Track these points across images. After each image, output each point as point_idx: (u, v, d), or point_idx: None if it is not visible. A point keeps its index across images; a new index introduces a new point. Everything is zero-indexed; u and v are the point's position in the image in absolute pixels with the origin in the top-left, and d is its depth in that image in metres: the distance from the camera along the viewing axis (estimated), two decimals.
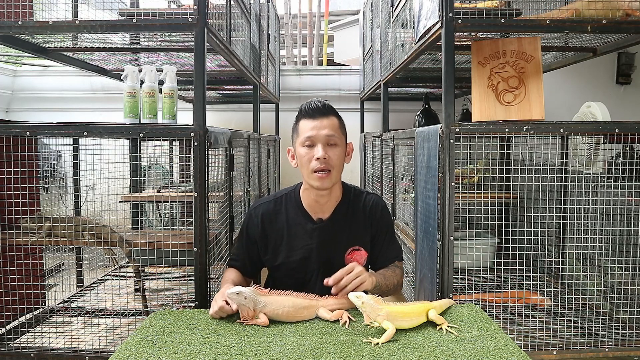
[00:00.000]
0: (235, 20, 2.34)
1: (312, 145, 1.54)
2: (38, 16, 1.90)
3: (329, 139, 1.54)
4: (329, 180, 1.55)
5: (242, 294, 1.35)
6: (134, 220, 3.21)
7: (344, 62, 4.93)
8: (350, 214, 1.66)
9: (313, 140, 1.54)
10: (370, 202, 1.69)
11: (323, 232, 1.63)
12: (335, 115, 1.59)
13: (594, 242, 2.10)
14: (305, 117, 1.57)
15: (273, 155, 3.90)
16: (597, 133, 1.92)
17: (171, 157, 3.74)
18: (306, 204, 1.66)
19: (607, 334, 1.86)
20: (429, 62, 2.60)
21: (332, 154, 1.54)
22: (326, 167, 1.54)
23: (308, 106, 1.57)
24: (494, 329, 1.30)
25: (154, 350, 1.19)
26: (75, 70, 3.72)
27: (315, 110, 1.55)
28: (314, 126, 1.53)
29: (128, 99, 1.83)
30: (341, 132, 1.60)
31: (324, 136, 1.53)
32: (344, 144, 1.61)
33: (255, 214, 1.68)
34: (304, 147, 1.56)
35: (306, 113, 1.57)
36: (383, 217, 1.71)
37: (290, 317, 1.36)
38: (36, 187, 2.16)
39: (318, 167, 1.53)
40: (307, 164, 1.55)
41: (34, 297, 2.17)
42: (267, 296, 1.37)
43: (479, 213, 2.71)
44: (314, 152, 1.53)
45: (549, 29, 1.77)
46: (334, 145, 1.55)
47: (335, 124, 1.57)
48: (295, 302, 1.38)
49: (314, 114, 1.55)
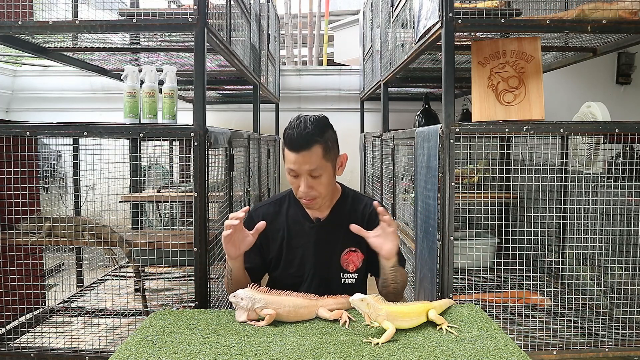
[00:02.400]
0: (235, 20, 2.34)
1: (296, 175, 1.54)
2: (38, 16, 1.90)
3: (312, 172, 1.52)
4: (316, 203, 1.57)
5: (238, 296, 1.36)
6: (134, 220, 3.21)
7: (344, 62, 4.93)
8: (348, 215, 1.66)
9: (296, 173, 1.53)
10: (371, 208, 1.68)
11: (320, 232, 1.63)
12: (319, 143, 1.50)
13: (594, 242, 2.10)
14: (288, 148, 1.53)
15: (273, 155, 3.90)
16: (597, 133, 1.92)
17: (171, 157, 3.74)
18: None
19: (607, 334, 1.86)
20: (429, 62, 2.60)
21: (316, 184, 1.53)
22: (310, 198, 1.55)
23: (290, 137, 1.51)
24: (494, 329, 1.30)
25: (154, 350, 1.18)
26: (75, 70, 3.72)
27: (296, 144, 1.49)
28: (296, 160, 1.50)
29: (128, 99, 1.83)
30: (326, 160, 1.54)
31: (306, 170, 1.51)
32: (331, 169, 1.57)
33: (256, 215, 1.68)
34: (289, 174, 1.56)
35: (289, 144, 1.52)
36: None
37: (290, 317, 1.36)
38: (36, 187, 2.16)
39: (303, 197, 1.55)
40: (295, 189, 1.58)
41: (34, 297, 2.17)
42: (266, 295, 1.37)
43: (479, 213, 2.71)
44: (299, 183, 1.54)
45: (549, 29, 1.77)
46: (317, 176, 1.53)
47: (319, 154, 1.51)
48: (295, 302, 1.38)
49: (296, 148, 1.50)
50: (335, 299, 1.43)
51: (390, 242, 1.47)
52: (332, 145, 1.56)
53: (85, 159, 2.12)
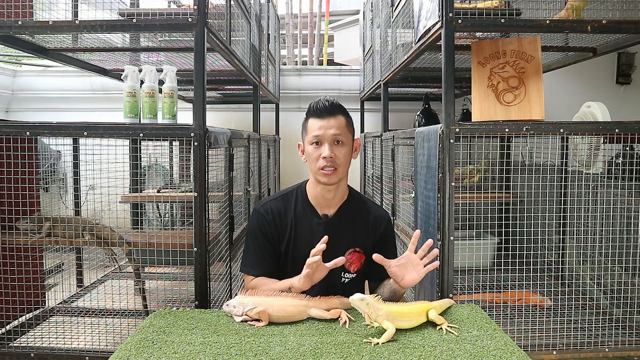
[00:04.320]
0: (235, 20, 2.34)
1: (320, 143, 1.60)
2: (38, 16, 1.90)
3: (336, 138, 1.59)
4: (335, 176, 1.61)
5: (230, 305, 1.37)
6: (134, 220, 3.21)
7: (344, 62, 4.93)
8: (355, 215, 1.68)
9: (320, 139, 1.59)
10: (377, 212, 1.73)
11: (327, 228, 1.64)
12: (342, 114, 1.63)
13: (594, 242, 2.10)
14: (313, 116, 1.61)
15: (273, 155, 3.90)
16: (597, 133, 1.92)
17: (171, 157, 3.74)
18: (313, 200, 1.69)
19: (607, 334, 1.86)
20: (429, 62, 2.60)
21: (338, 152, 1.59)
22: (332, 164, 1.59)
23: (316, 105, 1.61)
24: (494, 329, 1.30)
25: (154, 350, 1.18)
26: (75, 70, 3.72)
27: (322, 110, 1.59)
28: (321, 125, 1.58)
29: (128, 99, 1.83)
30: (348, 131, 1.63)
31: (331, 135, 1.58)
32: (351, 141, 1.65)
33: (265, 211, 1.68)
34: (311, 145, 1.61)
35: (314, 112, 1.61)
36: (388, 230, 1.73)
37: (279, 317, 1.35)
38: (36, 187, 2.16)
39: (325, 165, 1.58)
40: (314, 161, 1.61)
41: (34, 297, 2.17)
42: (254, 298, 1.37)
43: (479, 213, 2.71)
44: (321, 151, 1.59)
45: (549, 29, 1.77)
46: (340, 144, 1.60)
47: (342, 122, 1.61)
48: (284, 302, 1.37)
49: (322, 114, 1.59)
50: (327, 300, 1.42)
51: (415, 275, 1.44)
52: (352, 122, 1.68)
53: (85, 159, 2.12)
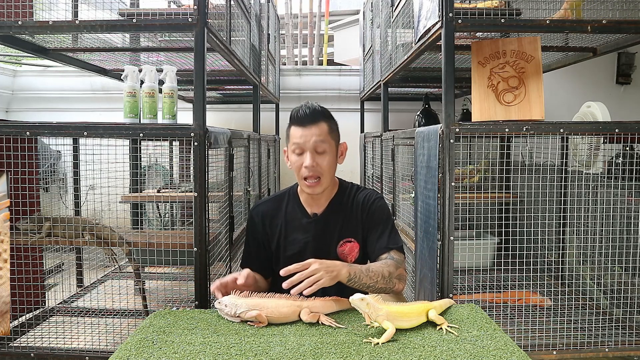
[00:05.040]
0: (235, 20, 2.34)
1: (301, 152, 1.55)
2: (38, 16, 1.90)
3: (317, 147, 1.54)
4: (320, 186, 1.57)
5: (222, 302, 1.36)
6: (134, 220, 3.21)
7: (344, 62, 4.93)
8: (344, 208, 1.66)
9: (302, 147, 1.54)
10: (364, 195, 1.68)
11: (317, 226, 1.64)
12: (325, 120, 1.57)
13: (594, 242, 2.10)
14: (294, 124, 1.56)
15: (273, 155, 3.90)
16: (597, 133, 1.92)
17: (171, 157, 3.74)
18: (303, 200, 1.68)
19: (607, 334, 1.86)
20: (429, 62, 2.60)
21: (320, 161, 1.55)
22: (315, 174, 1.55)
23: (297, 113, 1.56)
24: (494, 329, 1.30)
25: (154, 350, 1.18)
26: (75, 70, 3.72)
27: (303, 118, 1.54)
28: (302, 134, 1.53)
29: (128, 99, 1.83)
30: (331, 137, 1.58)
31: (312, 144, 1.53)
32: (334, 148, 1.60)
33: (255, 214, 1.69)
34: (294, 153, 1.57)
35: (295, 120, 1.56)
36: (376, 208, 1.66)
37: (273, 318, 1.34)
38: (36, 187, 2.16)
39: (307, 174, 1.55)
40: (297, 170, 1.57)
41: (34, 297, 2.16)
42: (247, 299, 1.36)
43: (479, 213, 2.71)
44: (303, 160, 1.54)
45: (549, 29, 1.77)
46: (322, 152, 1.55)
47: (325, 130, 1.55)
48: (278, 303, 1.36)
49: (303, 122, 1.54)
50: (322, 301, 1.40)
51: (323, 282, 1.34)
52: (336, 128, 1.62)
53: (85, 159, 2.12)
